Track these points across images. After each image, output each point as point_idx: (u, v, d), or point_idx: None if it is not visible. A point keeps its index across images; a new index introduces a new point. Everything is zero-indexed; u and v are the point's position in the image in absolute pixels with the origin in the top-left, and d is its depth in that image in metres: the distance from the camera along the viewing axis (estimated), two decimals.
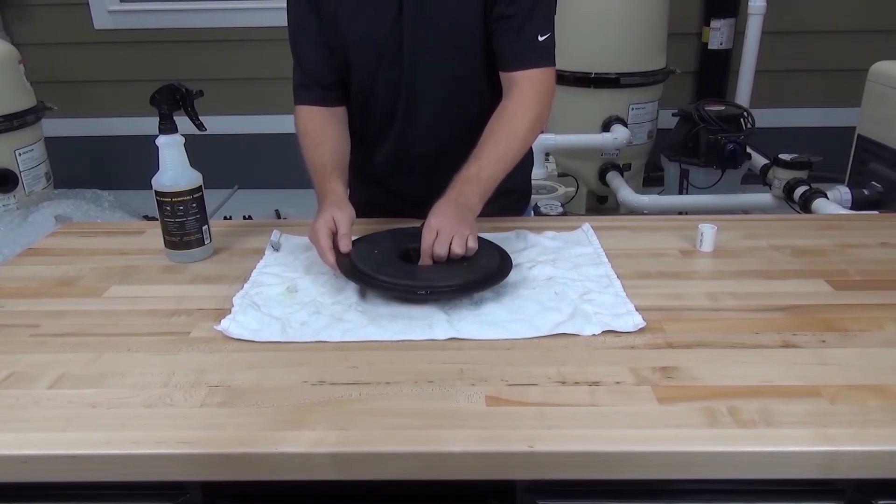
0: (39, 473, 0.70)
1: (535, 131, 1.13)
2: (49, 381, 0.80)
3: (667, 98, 3.08)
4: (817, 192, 2.35)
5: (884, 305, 0.95)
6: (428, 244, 0.98)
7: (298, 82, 1.23)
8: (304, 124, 1.21)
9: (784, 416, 0.71)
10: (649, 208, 2.70)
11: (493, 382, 0.78)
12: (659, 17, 2.90)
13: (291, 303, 0.97)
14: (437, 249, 0.97)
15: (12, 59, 2.58)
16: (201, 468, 0.70)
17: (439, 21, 1.13)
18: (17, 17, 3.38)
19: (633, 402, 0.75)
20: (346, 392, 0.77)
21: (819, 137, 3.26)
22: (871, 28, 3.28)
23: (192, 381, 0.80)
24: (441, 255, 0.97)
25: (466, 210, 1.03)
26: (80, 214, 2.55)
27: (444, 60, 1.16)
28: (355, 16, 1.15)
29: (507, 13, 1.11)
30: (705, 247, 1.13)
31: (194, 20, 3.38)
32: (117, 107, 3.48)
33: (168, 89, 1.09)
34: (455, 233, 0.98)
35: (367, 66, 1.18)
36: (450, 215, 1.00)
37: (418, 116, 1.21)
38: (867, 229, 1.22)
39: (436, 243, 0.97)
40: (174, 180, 1.08)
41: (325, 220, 1.03)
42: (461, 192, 1.04)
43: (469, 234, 0.99)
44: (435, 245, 0.97)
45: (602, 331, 0.89)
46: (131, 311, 0.97)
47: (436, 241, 0.98)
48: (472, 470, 0.69)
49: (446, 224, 0.99)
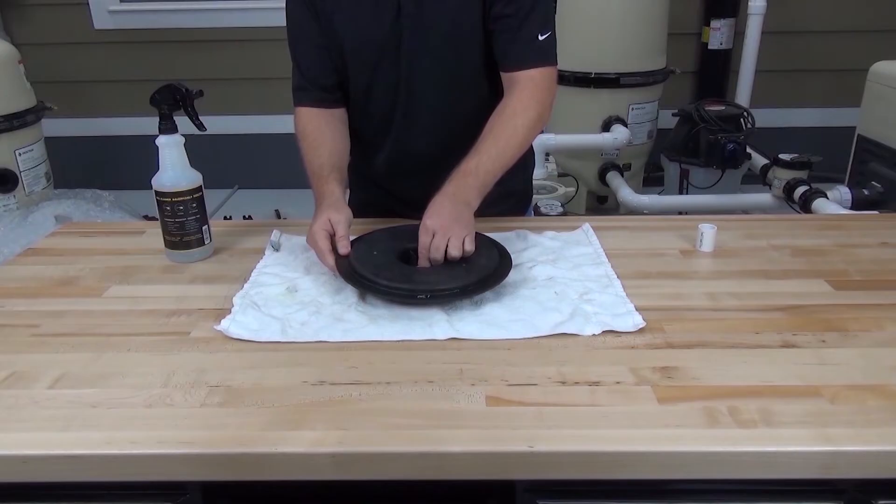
0: (39, 473, 0.70)
1: (535, 130, 1.13)
2: (49, 381, 0.80)
3: (667, 98, 3.08)
4: (817, 192, 2.35)
5: (884, 305, 0.95)
6: (424, 247, 0.98)
7: (297, 84, 1.23)
8: (303, 126, 1.21)
9: (784, 416, 0.71)
10: (649, 208, 2.70)
11: (493, 382, 0.78)
12: (659, 17, 2.90)
13: (291, 303, 0.97)
14: (432, 254, 0.97)
15: (12, 59, 2.58)
16: (201, 468, 0.70)
17: (438, 22, 1.13)
18: (17, 17, 3.38)
19: (632, 402, 0.75)
20: (346, 392, 0.77)
21: (819, 137, 3.26)
22: (871, 28, 3.28)
23: (192, 381, 0.80)
24: (437, 259, 0.97)
25: (463, 207, 1.01)
26: (80, 214, 2.55)
27: (442, 62, 1.16)
28: (353, 18, 1.15)
29: (505, 13, 1.11)
30: (705, 247, 1.13)
31: (194, 20, 3.38)
32: (117, 107, 3.48)
33: (168, 89, 1.09)
34: (451, 234, 0.97)
35: (366, 68, 1.18)
36: (445, 215, 0.99)
37: (417, 118, 1.21)
38: (867, 229, 1.22)
39: (431, 247, 0.97)
40: (174, 180, 1.08)
41: (322, 222, 1.03)
42: (459, 187, 1.03)
43: (465, 235, 0.98)
44: (431, 249, 0.97)
45: (602, 331, 0.89)
46: (131, 311, 0.97)
47: (431, 244, 0.97)
48: (472, 470, 0.69)
49: (442, 225, 0.98)
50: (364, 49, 1.17)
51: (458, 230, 0.98)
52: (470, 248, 0.98)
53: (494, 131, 1.09)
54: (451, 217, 0.99)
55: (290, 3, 1.19)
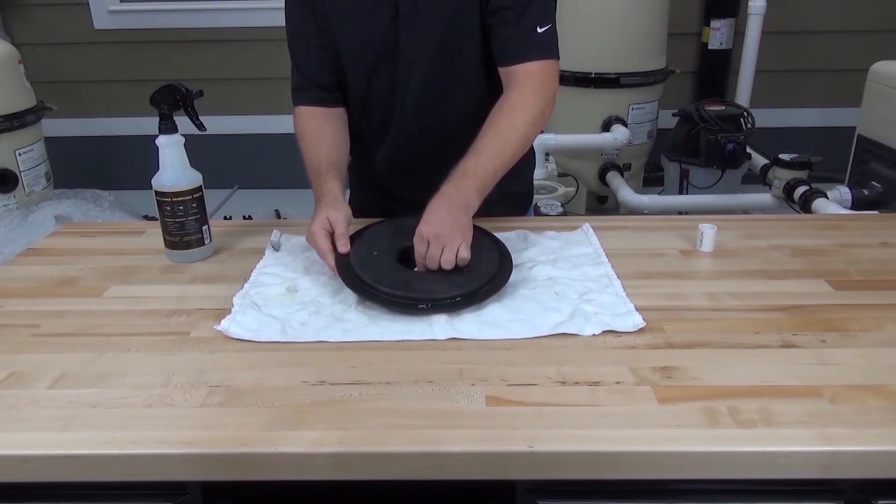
0: (39, 473, 0.70)
1: (536, 126, 1.09)
2: (49, 381, 0.80)
3: (667, 98, 3.08)
4: (817, 192, 2.35)
5: (884, 305, 0.95)
6: (420, 255, 0.97)
7: (297, 84, 1.23)
8: (302, 125, 1.21)
9: (784, 416, 0.71)
10: (649, 208, 2.70)
11: (493, 382, 0.78)
12: (659, 17, 2.90)
13: (291, 303, 0.97)
14: (427, 263, 0.96)
15: (12, 59, 2.58)
16: (201, 468, 0.70)
17: (435, 21, 1.13)
18: (17, 17, 3.38)
19: (633, 402, 0.75)
20: (346, 392, 0.77)
21: (819, 137, 3.25)
22: (871, 28, 3.28)
23: (192, 381, 0.80)
24: (432, 268, 0.96)
25: (461, 211, 0.99)
26: (80, 214, 2.55)
27: (440, 61, 1.16)
28: (351, 18, 1.15)
29: (503, 5, 1.09)
30: (705, 247, 1.13)
31: (194, 20, 3.38)
32: (117, 107, 3.48)
33: (168, 89, 1.09)
34: (445, 243, 0.95)
35: (364, 68, 1.18)
36: (441, 222, 0.96)
37: (416, 117, 1.21)
38: (867, 229, 1.22)
39: (427, 257, 0.96)
40: (174, 180, 1.08)
41: (321, 221, 1.03)
42: (457, 188, 1.01)
43: (461, 242, 0.96)
44: (426, 258, 0.96)
45: (602, 331, 0.89)
46: (131, 311, 0.97)
47: (427, 253, 0.96)
48: (472, 470, 0.69)
49: (436, 234, 0.95)
50: (362, 49, 1.17)
51: (453, 238, 0.95)
52: (465, 256, 0.96)
53: (493, 128, 1.06)
54: (447, 224, 0.96)
55: (290, 4, 1.19)
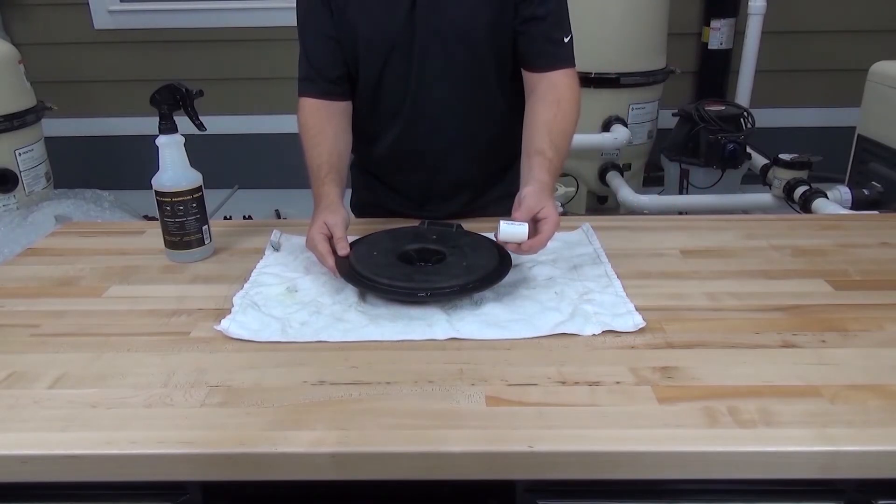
0: (39, 473, 0.70)
1: (575, 124, 1.16)
2: (49, 381, 0.80)
3: (667, 98, 3.08)
4: (817, 192, 2.35)
5: (884, 305, 0.95)
6: (547, 236, 0.98)
7: (304, 74, 1.21)
8: (306, 119, 1.20)
9: (784, 416, 0.71)
10: (649, 208, 2.70)
11: (493, 382, 0.78)
12: (659, 17, 2.90)
13: (291, 303, 0.97)
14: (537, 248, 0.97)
15: (12, 59, 2.58)
16: (201, 468, 0.70)
17: (453, 16, 1.12)
18: (18, 17, 3.38)
19: (632, 402, 0.75)
20: (346, 392, 0.77)
21: (819, 137, 3.25)
22: (871, 28, 3.28)
23: (192, 381, 0.80)
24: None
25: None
26: (80, 214, 2.55)
27: (454, 56, 1.15)
28: (367, 10, 1.14)
29: (537, 14, 1.13)
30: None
31: (194, 20, 3.38)
32: (117, 107, 3.48)
33: (168, 89, 1.09)
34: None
35: (377, 61, 1.17)
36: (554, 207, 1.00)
37: (425, 112, 1.21)
38: (867, 229, 1.22)
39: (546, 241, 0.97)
40: (174, 180, 1.08)
41: (319, 226, 1.03)
42: (544, 187, 1.03)
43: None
44: (545, 243, 0.97)
45: (602, 331, 0.89)
46: (131, 311, 0.97)
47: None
48: (472, 470, 0.69)
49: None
50: (376, 41, 1.16)
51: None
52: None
53: (555, 135, 1.09)
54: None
55: None
